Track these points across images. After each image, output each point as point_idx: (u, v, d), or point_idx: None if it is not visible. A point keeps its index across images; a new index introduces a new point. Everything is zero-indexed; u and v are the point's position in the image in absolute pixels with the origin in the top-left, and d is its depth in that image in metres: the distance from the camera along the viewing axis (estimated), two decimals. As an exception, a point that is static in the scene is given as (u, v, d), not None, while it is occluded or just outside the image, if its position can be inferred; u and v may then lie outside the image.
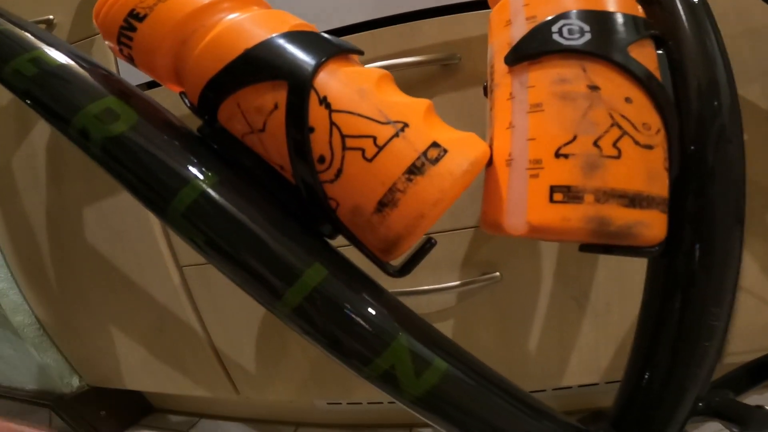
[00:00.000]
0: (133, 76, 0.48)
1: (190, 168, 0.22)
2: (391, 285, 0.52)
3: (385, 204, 0.20)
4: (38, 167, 0.60)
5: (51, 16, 0.55)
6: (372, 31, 0.46)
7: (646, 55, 0.22)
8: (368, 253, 0.23)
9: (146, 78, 0.49)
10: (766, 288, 0.50)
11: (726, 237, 0.26)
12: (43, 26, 0.55)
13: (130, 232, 0.57)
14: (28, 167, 0.61)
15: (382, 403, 0.68)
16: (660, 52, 0.26)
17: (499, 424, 0.25)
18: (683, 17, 0.27)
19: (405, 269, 0.24)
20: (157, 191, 0.22)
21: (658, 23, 0.27)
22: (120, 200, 0.56)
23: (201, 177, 0.22)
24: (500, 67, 0.24)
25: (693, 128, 0.27)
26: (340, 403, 0.71)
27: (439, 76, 0.47)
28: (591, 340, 0.54)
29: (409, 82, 0.46)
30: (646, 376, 0.30)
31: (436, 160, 0.20)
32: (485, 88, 0.27)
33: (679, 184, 0.27)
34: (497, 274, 0.50)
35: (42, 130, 0.59)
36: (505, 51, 0.23)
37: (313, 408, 0.74)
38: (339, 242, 0.24)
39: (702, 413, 0.34)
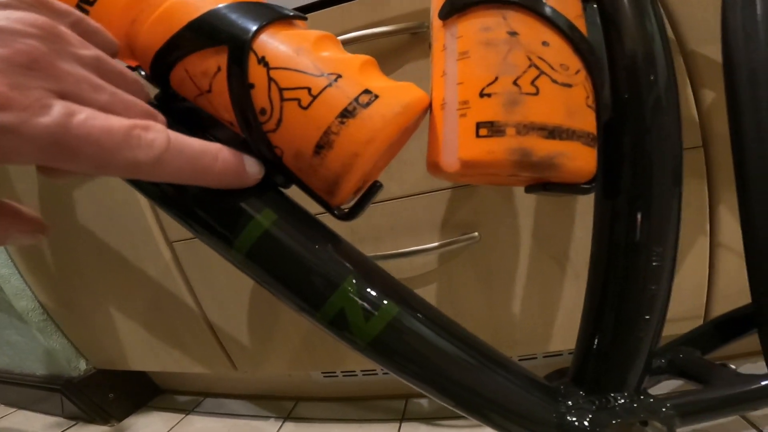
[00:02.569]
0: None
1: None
2: (373, 248, 0.54)
3: (321, 146, 0.22)
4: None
5: None
6: (341, 5, 0.48)
7: (567, 3, 0.23)
8: (317, 198, 0.24)
9: None
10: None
11: (663, 171, 0.28)
12: None
13: (119, 209, 0.59)
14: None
15: (376, 373, 0.70)
16: (594, 6, 0.27)
17: (453, 372, 0.25)
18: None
19: (353, 212, 0.25)
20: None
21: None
22: (107, 179, 0.58)
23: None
24: (436, 22, 0.26)
25: (625, 77, 0.28)
26: (336, 375, 0.73)
27: (409, 45, 0.48)
28: (574, 302, 0.54)
29: (381, 52, 0.48)
30: (600, 329, 0.31)
31: (368, 104, 0.22)
32: (429, 45, 0.29)
33: (613, 125, 0.28)
34: (476, 234, 0.52)
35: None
36: (440, 7, 0.25)
37: (310, 381, 0.76)
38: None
39: (664, 371, 0.35)
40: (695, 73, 0.45)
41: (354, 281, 0.24)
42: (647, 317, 0.29)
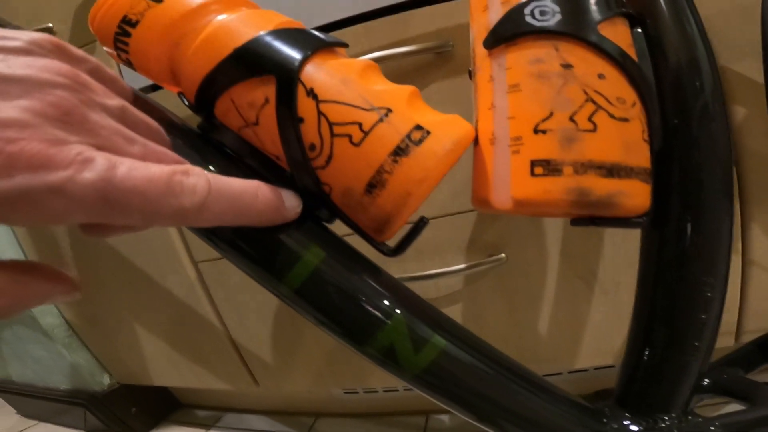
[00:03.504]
0: (135, 80, 0.50)
1: (191, 162, 0.24)
2: (398, 270, 0.54)
3: (373, 185, 0.21)
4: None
5: (50, 24, 0.56)
6: (365, 23, 0.47)
7: (619, 33, 0.23)
8: (363, 234, 0.24)
9: (149, 81, 0.51)
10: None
11: (714, 204, 0.27)
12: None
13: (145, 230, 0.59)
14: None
15: (397, 390, 0.69)
16: (638, 30, 0.27)
17: (500, 400, 0.25)
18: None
19: (399, 248, 0.25)
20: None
21: (634, 1, 0.28)
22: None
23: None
24: (480, 51, 0.25)
25: (675, 105, 0.27)
26: (357, 392, 0.72)
27: (433, 64, 0.47)
28: (602, 320, 0.54)
29: (405, 71, 0.47)
30: (646, 352, 0.30)
31: (420, 141, 0.21)
32: (470, 73, 0.28)
33: (664, 155, 0.28)
34: (503, 255, 0.51)
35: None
36: (484, 35, 0.25)
37: (331, 398, 0.75)
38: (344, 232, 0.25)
39: (709, 390, 0.34)
40: (727, 89, 0.44)
41: (403, 316, 0.24)
42: (696, 343, 0.29)
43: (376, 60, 0.45)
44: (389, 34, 0.47)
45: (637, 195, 0.22)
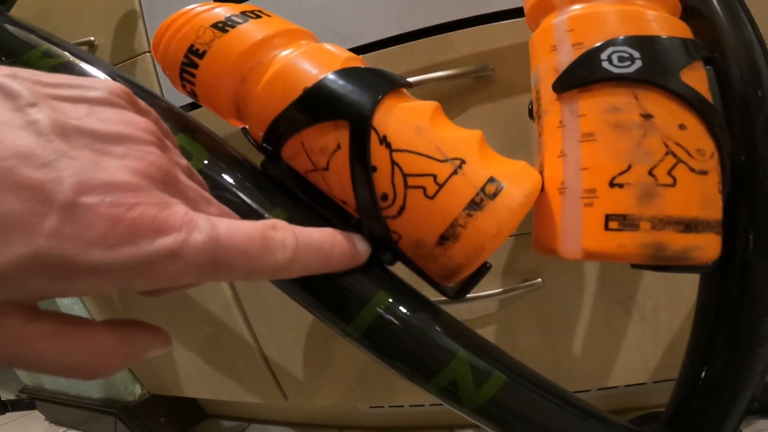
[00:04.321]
0: (176, 97, 0.50)
1: (257, 202, 0.24)
2: (432, 293, 0.54)
3: (446, 238, 0.21)
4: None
5: (92, 38, 0.56)
6: (403, 45, 0.47)
7: (698, 78, 0.22)
8: (429, 280, 0.24)
9: (188, 99, 0.51)
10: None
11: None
12: (85, 48, 0.56)
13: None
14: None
15: (423, 405, 0.69)
16: (708, 67, 0.26)
17: (554, 428, 0.26)
18: (726, 27, 0.27)
19: (462, 291, 0.25)
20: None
21: (701, 36, 0.27)
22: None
23: (270, 211, 0.24)
24: (547, 93, 0.24)
25: (741, 132, 0.26)
26: (383, 407, 0.72)
27: (473, 88, 0.47)
28: (637, 342, 0.53)
29: (444, 94, 0.47)
30: (701, 381, 0.31)
31: (494, 195, 0.21)
32: (530, 111, 0.28)
33: (731, 199, 0.27)
34: (539, 280, 0.50)
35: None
36: (552, 77, 0.24)
37: (356, 411, 0.76)
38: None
39: (756, 412, 0.34)
40: None
41: (465, 354, 0.24)
42: (751, 374, 0.29)
43: (416, 84, 0.45)
44: (428, 56, 0.47)
45: (711, 247, 0.21)
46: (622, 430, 0.28)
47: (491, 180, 0.21)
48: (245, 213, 0.23)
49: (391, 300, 0.23)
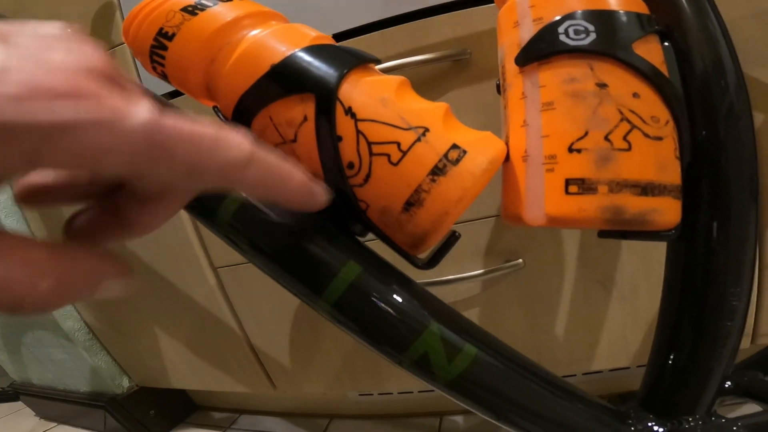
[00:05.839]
0: (156, 86, 0.50)
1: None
2: (416, 276, 0.54)
3: (411, 204, 0.22)
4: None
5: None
6: (382, 31, 0.48)
7: (652, 51, 0.23)
8: (397, 249, 0.24)
9: (169, 87, 0.51)
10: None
11: (741, 216, 0.27)
12: None
13: (166, 236, 0.60)
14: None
15: (412, 392, 0.70)
16: (666, 44, 0.27)
17: (529, 404, 0.26)
18: (686, 7, 0.28)
19: (432, 262, 0.26)
20: (203, 202, 0.24)
21: (662, 15, 0.28)
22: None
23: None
24: (511, 67, 0.25)
25: (702, 112, 0.27)
26: (372, 394, 0.73)
27: (451, 72, 0.48)
28: (618, 324, 0.54)
29: (422, 79, 0.48)
30: (671, 357, 0.31)
31: (457, 161, 0.22)
32: (498, 87, 0.29)
33: (692, 169, 0.28)
34: (520, 261, 0.51)
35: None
36: (515, 52, 0.25)
37: (345, 400, 0.76)
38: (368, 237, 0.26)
39: (731, 393, 0.35)
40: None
41: (436, 327, 0.24)
42: (722, 349, 0.30)
43: (394, 68, 0.46)
44: (406, 41, 0.47)
45: (669, 211, 0.22)
46: (597, 406, 0.29)
47: (454, 147, 0.22)
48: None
49: (361, 271, 0.24)
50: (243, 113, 0.24)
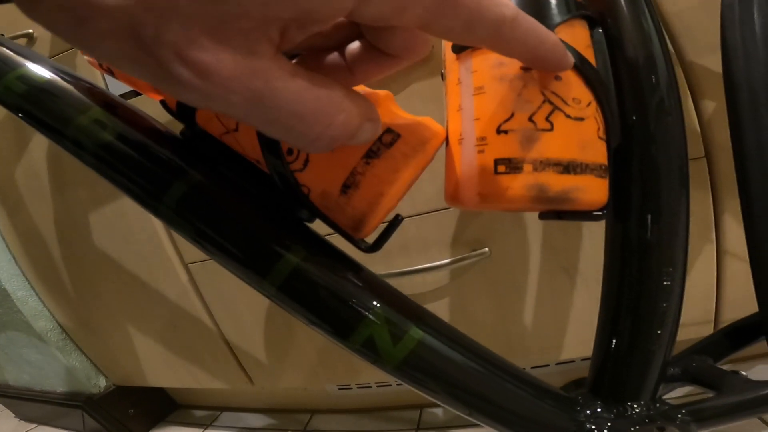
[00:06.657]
0: (118, 86, 0.50)
1: (174, 168, 0.25)
2: (386, 266, 0.55)
3: (348, 186, 0.23)
4: (41, 177, 0.63)
5: (31, 30, 0.57)
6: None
7: (577, 35, 0.24)
8: (341, 232, 0.25)
9: (129, 88, 0.52)
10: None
11: (671, 195, 0.29)
12: (24, 40, 0.57)
13: (135, 234, 0.60)
14: (32, 177, 0.63)
15: (390, 385, 0.71)
16: (599, 30, 0.28)
17: (475, 387, 0.26)
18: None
19: (376, 245, 0.26)
20: (148, 191, 0.25)
21: (595, 3, 0.29)
22: (122, 204, 0.59)
23: (187, 175, 0.25)
24: (449, 55, 0.27)
25: (633, 101, 0.29)
26: (351, 387, 0.74)
27: (413, 65, 0.49)
28: (585, 311, 0.55)
29: (387, 73, 0.49)
30: (614, 341, 0.32)
31: (391, 144, 0.23)
32: (442, 75, 0.30)
33: (623, 151, 0.29)
34: (486, 249, 0.53)
35: (40, 141, 0.61)
36: (453, 41, 0.26)
37: (326, 394, 0.77)
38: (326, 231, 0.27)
39: (677, 379, 0.36)
40: (695, 84, 0.46)
41: (381, 310, 0.25)
42: (659, 332, 0.31)
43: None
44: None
45: (592, 190, 0.23)
46: (546, 392, 0.29)
47: (389, 131, 0.23)
48: (157, 176, 0.25)
49: (306, 254, 0.25)
50: (186, 106, 0.25)
